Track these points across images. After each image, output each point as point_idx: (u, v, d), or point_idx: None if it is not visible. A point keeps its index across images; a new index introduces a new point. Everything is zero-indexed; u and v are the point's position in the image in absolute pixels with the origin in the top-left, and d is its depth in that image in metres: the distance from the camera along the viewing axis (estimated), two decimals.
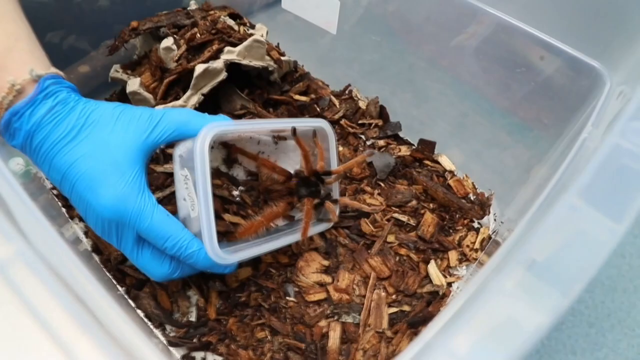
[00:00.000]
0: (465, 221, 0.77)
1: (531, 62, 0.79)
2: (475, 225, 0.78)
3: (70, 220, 0.74)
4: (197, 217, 0.53)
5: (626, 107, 0.38)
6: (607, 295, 0.87)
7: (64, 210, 0.74)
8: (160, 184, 0.76)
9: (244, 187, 0.71)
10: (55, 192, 0.76)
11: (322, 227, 0.70)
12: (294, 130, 0.63)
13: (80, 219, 0.74)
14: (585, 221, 0.31)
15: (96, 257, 0.69)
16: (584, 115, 0.63)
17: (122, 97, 0.84)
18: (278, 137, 0.71)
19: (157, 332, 0.64)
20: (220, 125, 0.55)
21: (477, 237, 0.75)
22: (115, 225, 0.50)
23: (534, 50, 0.77)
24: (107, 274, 0.67)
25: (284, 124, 0.66)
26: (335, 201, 0.69)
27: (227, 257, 0.54)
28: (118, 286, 0.67)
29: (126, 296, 0.66)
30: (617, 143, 0.35)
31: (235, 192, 0.70)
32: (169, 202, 0.75)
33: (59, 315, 0.31)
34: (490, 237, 0.75)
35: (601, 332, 0.83)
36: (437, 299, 0.68)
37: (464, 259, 0.73)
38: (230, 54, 0.81)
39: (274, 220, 0.65)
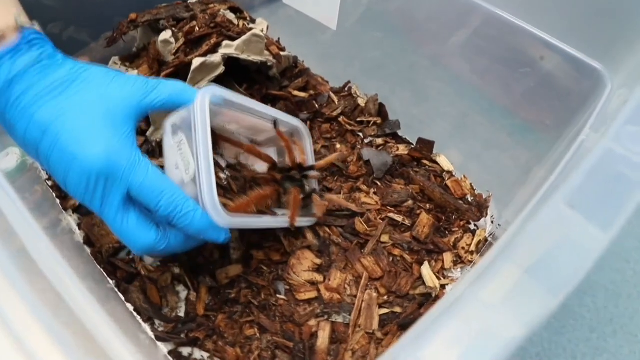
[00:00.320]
0: (462, 223, 0.76)
1: (534, 62, 0.78)
2: (472, 227, 0.76)
3: (64, 212, 0.73)
4: (192, 181, 0.51)
5: (621, 110, 0.37)
6: (610, 301, 0.86)
7: (58, 201, 0.74)
8: None
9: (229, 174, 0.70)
10: (50, 183, 0.76)
11: (308, 221, 0.69)
12: (275, 121, 0.65)
13: (75, 210, 0.73)
14: (571, 228, 0.30)
15: (88, 250, 0.69)
16: (585, 117, 0.62)
17: None
18: (253, 142, 0.72)
19: (146, 326, 0.64)
20: (218, 88, 0.55)
21: (473, 239, 0.74)
22: (105, 180, 0.46)
23: (536, 50, 0.75)
24: (98, 266, 0.67)
25: (268, 111, 0.66)
26: (320, 196, 0.69)
27: (226, 215, 0.51)
28: (109, 279, 0.67)
29: (116, 289, 0.66)
30: (609, 148, 0.34)
31: (223, 175, 0.68)
32: None
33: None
34: (486, 240, 0.74)
35: (603, 337, 0.82)
36: (429, 301, 0.67)
37: (459, 261, 0.72)
38: (229, 48, 0.80)
39: (263, 202, 0.64)
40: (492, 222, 0.77)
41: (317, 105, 0.88)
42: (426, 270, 0.69)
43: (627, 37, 0.56)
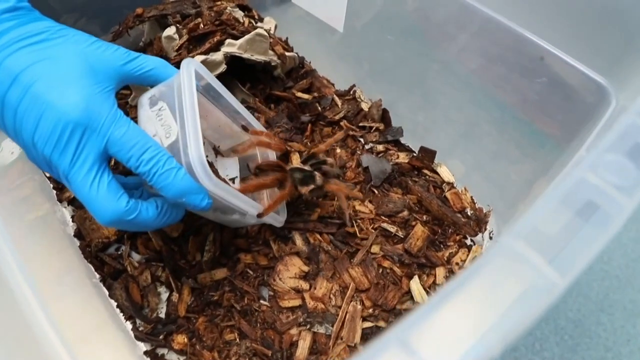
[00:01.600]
0: (458, 237, 0.73)
1: (549, 72, 0.75)
2: (468, 242, 0.74)
3: (59, 203, 0.74)
4: (173, 143, 0.49)
5: (605, 136, 0.34)
6: (629, 320, 0.83)
7: (54, 192, 0.75)
8: None
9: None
10: (48, 174, 0.77)
11: (275, 220, 0.65)
12: (244, 127, 0.66)
13: (70, 202, 0.74)
14: (526, 268, 0.28)
15: (77, 242, 0.69)
16: (588, 133, 0.59)
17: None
18: (215, 150, 0.70)
19: (128, 324, 0.64)
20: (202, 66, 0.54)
21: (468, 255, 0.71)
22: (82, 132, 0.43)
23: (551, 59, 0.72)
24: (85, 260, 0.67)
25: (241, 110, 0.65)
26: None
27: (212, 176, 0.48)
28: (96, 273, 0.67)
29: (101, 284, 0.66)
30: (583, 177, 0.32)
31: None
32: None
33: None
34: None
35: (618, 357, 0.78)
36: None
37: (451, 277, 0.70)
38: (231, 46, 0.79)
39: (269, 187, 0.64)
40: (491, 237, 0.75)
41: (319, 108, 0.87)
42: (415, 285, 0.67)
43: (634, 54, 0.53)
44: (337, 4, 0.83)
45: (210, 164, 0.65)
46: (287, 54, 0.87)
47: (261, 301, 0.65)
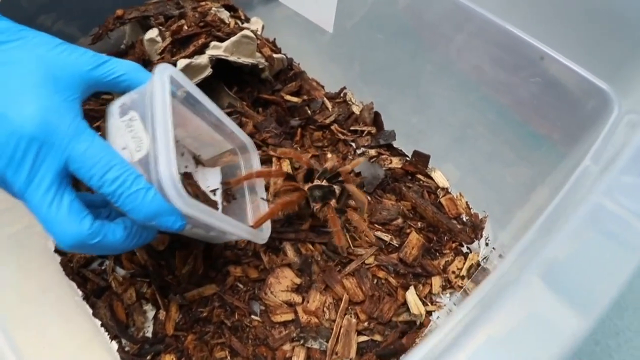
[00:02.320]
0: (454, 245, 0.71)
1: (545, 74, 0.73)
2: (464, 249, 0.72)
3: None
4: (144, 157, 0.44)
5: (619, 157, 0.32)
6: (616, 313, 0.82)
7: None
8: None
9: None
10: None
11: (255, 237, 0.60)
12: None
13: None
14: (547, 310, 0.26)
15: (58, 258, 0.66)
16: (590, 140, 0.57)
17: None
18: (197, 160, 0.68)
19: (113, 344, 0.61)
20: (178, 71, 0.50)
21: (464, 263, 0.69)
22: (37, 147, 0.39)
23: (548, 61, 0.70)
24: (66, 277, 0.64)
25: (225, 120, 0.62)
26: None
27: (185, 195, 0.43)
28: (79, 290, 0.64)
29: (84, 302, 0.63)
30: (599, 203, 0.30)
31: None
32: None
33: None
34: (479, 264, 0.70)
35: (607, 350, 0.77)
36: (413, 329, 0.64)
37: (448, 286, 0.68)
38: (217, 49, 0.76)
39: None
40: (487, 244, 0.73)
41: (309, 112, 0.84)
42: (411, 296, 0.65)
43: (638, 61, 0.51)
44: (327, 4, 0.80)
45: (190, 175, 0.62)
46: (275, 55, 0.84)
47: (252, 316, 0.63)
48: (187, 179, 0.61)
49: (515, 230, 0.70)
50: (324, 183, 0.67)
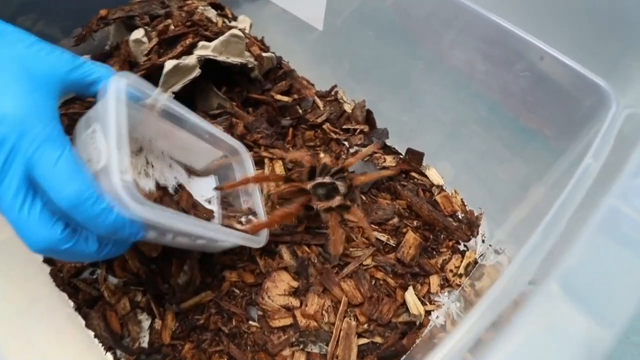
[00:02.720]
0: (451, 243, 0.71)
1: (536, 68, 0.73)
2: (461, 247, 0.72)
3: None
4: (103, 168, 0.42)
5: (628, 158, 0.31)
6: None
7: None
8: None
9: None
10: None
11: (251, 242, 0.59)
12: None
13: None
14: (567, 321, 0.25)
15: (47, 269, 0.64)
16: (589, 137, 0.57)
17: None
18: (189, 171, 0.67)
19: (108, 355, 0.59)
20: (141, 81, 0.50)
21: (462, 262, 0.69)
22: (8, 148, 0.37)
23: (542, 60, 0.70)
24: (57, 288, 0.62)
25: (205, 125, 0.60)
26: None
27: (141, 198, 0.41)
28: (70, 301, 0.62)
29: (77, 314, 0.61)
30: (615, 206, 0.29)
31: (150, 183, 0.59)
32: None
33: None
34: (476, 262, 0.70)
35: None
36: (413, 329, 0.63)
37: (446, 284, 0.68)
38: (205, 49, 0.74)
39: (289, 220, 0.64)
40: (484, 240, 0.73)
41: (300, 111, 0.83)
42: (410, 297, 0.64)
43: (636, 56, 0.51)
44: (317, 1, 0.78)
45: (181, 187, 0.61)
46: (264, 54, 0.82)
47: (250, 322, 0.62)
48: (177, 190, 0.60)
49: (512, 228, 0.70)
50: (327, 180, 0.67)
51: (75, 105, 0.82)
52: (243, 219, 0.64)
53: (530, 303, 0.26)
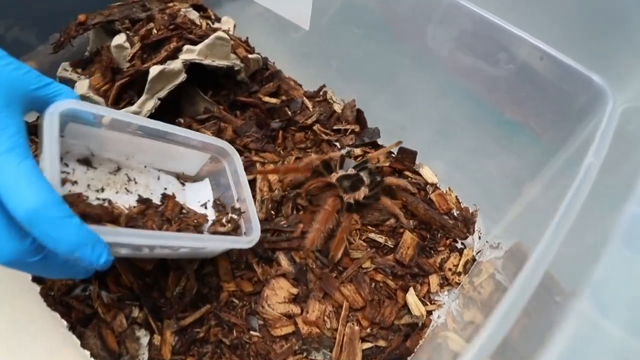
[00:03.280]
0: (448, 241, 0.71)
1: (520, 61, 0.73)
2: (459, 245, 0.72)
3: None
4: None
5: (634, 156, 0.31)
6: None
7: None
8: None
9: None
10: None
11: (239, 243, 0.57)
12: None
13: None
14: (601, 335, 0.24)
15: (37, 288, 0.62)
16: (584, 134, 0.57)
17: None
18: (181, 179, 0.65)
19: None
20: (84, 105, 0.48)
21: (460, 260, 0.69)
22: None
23: (528, 52, 0.70)
24: (48, 308, 0.60)
25: (185, 133, 0.58)
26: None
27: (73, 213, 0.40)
28: (63, 320, 0.60)
29: (71, 333, 0.59)
30: (637, 214, 0.28)
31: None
32: None
33: None
34: (474, 259, 0.70)
35: None
36: (415, 331, 0.63)
37: (445, 283, 0.68)
38: (190, 53, 0.72)
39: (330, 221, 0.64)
40: (480, 237, 0.73)
41: (289, 113, 0.81)
42: (412, 298, 0.64)
43: (633, 52, 0.51)
44: (302, 1, 0.77)
45: (167, 196, 0.59)
46: (250, 56, 0.81)
47: (251, 332, 0.61)
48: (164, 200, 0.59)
49: (508, 224, 0.70)
50: (351, 172, 0.68)
51: None
52: (224, 220, 0.62)
53: (564, 317, 0.25)
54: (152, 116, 0.72)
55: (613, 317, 0.25)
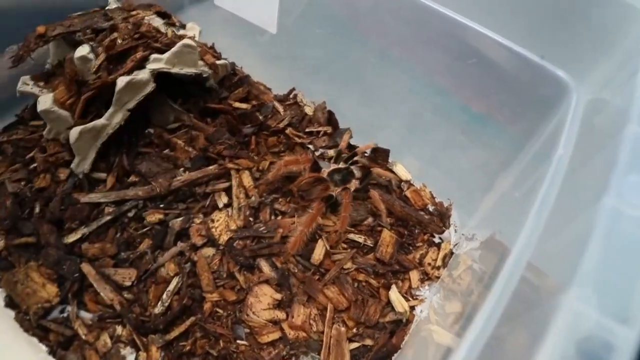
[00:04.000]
0: (425, 236, 0.72)
1: (482, 55, 0.75)
2: (436, 240, 0.73)
3: None
4: None
5: (616, 154, 0.33)
6: None
7: None
8: (85, 217, 0.67)
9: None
10: None
11: None
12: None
13: None
14: (592, 326, 0.26)
15: (11, 313, 0.59)
16: (551, 126, 0.60)
17: (37, 113, 0.72)
18: None
19: None
20: None
21: (438, 254, 0.70)
22: None
23: (491, 47, 0.72)
24: (25, 333, 0.58)
25: None
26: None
27: None
28: (42, 345, 0.58)
29: (51, 357, 0.58)
30: (615, 207, 0.30)
31: None
32: (96, 238, 0.66)
33: None
34: (452, 253, 0.71)
35: None
36: (400, 327, 0.64)
37: (425, 278, 0.69)
38: (157, 62, 0.71)
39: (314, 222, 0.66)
40: (456, 230, 0.74)
41: (261, 117, 0.81)
42: (394, 295, 0.65)
43: (594, 45, 0.53)
44: (269, 4, 0.76)
45: None
46: (218, 62, 0.80)
47: (238, 341, 0.60)
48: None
49: (482, 216, 0.72)
50: (342, 166, 0.71)
51: (18, 131, 0.76)
52: None
53: (556, 311, 0.27)
54: (121, 128, 0.70)
55: (598, 304, 0.26)
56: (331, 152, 0.79)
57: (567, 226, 0.35)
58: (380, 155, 0.79)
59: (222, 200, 0.70)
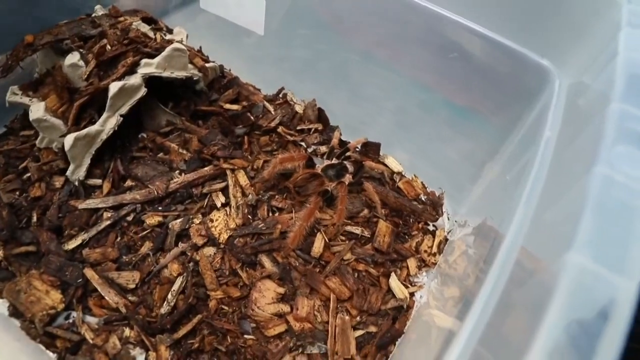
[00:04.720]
0: (420, 225, 0.74)
1: (462, 49, 0.77)
2: (430, 227, 0.75)
3: None
4: None
5: (602, 129, 0.35)
6: None
7: None
8: (84, 223, 0.67)
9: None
10: None
11: None
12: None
13: None
14: (595, 282, 0.28)
15: (17, 322, 0.59)
16: (535, 113, 0.62)
17: (27, 123, 0.72)
18: None
19: None
20: None
21: (433, 241, 0.73)
22: None
23: (471, 40, 0.75)
24: (32, 341, 0.58)
25: None
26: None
27: None
28: (49, 352, 0.58)
29: None
30: (607, 175, 0.32)
31: None
32: (97, 243, 0.66)
33: None
34: (446, 239, 0.73)
35: None
36: (402, 313, 0.66)
37: (423, 265, 0.71)
38: (148, 67, 0.72)
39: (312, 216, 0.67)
40: (449, 218, 0.77)
41: (252, 118, 0.82)
42: (394, 282, 0.67)
43: (570, 30, 0.56)
44: (256, 6, 0.78)
45: None
46: (207, 65, 0.81)
47: (245, 336, 0.61)
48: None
49: (472, 202, 0.75)
50: (335, 161, 0.73)
51: (9, 142, 0.76)
52: None
53: (559, 271, 0.28)
54: (114, 133, 0.71)
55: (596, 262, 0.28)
56: (323, 149, 0.81)
57: (561, 199, 0.37)
58: (371, 149, 0.81)
59: (220, 200, 0.71)
